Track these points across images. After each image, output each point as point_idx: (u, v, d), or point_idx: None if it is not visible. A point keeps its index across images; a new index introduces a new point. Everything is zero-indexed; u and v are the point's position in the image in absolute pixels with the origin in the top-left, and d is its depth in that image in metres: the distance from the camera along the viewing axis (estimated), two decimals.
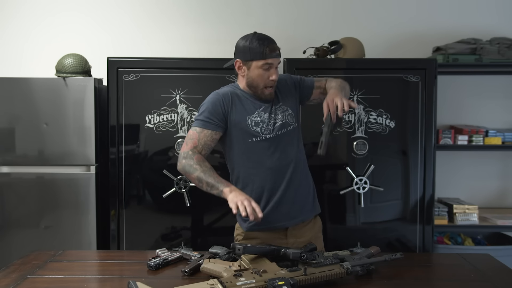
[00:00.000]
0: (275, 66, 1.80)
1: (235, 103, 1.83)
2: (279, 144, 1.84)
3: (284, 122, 1.86)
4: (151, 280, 1.53)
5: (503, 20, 3.19)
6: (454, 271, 1.68)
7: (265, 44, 1.77)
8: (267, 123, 1.82)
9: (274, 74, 1.79)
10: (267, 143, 1.82)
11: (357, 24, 3.20)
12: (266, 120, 1.83)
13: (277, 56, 1.80)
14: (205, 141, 1.80)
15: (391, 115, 2.63)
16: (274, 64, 1.80)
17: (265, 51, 1.77)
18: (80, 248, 2.69)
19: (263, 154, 1.82)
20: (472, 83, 3.22)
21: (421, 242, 2.66)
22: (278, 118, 1.85)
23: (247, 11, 3.22)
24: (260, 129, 1.82)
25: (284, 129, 1.85)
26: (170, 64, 2.66)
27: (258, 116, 1.83)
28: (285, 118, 1.87)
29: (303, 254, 1.47)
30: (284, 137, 1.85)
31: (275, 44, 1.81)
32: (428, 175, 2.64)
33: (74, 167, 2.72)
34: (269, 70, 1.79)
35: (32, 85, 2.71)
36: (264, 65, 1.77)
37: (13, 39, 3.21)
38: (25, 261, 1.73)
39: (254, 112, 1.83)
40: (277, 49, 1.80)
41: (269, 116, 1.84)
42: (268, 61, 1.77)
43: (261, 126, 1.82)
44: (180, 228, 2.65)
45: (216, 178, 1.70)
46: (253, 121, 1.82)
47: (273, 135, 1.83)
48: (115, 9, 3.21)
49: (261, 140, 1.82)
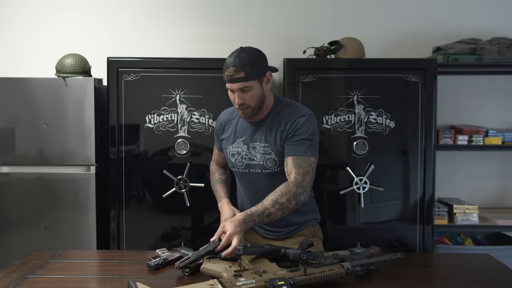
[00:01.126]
0: (235, 90, 1.69)
1: (226, 129, 1.91)
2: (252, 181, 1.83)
3: (261, 164, 1.78)
4: (151, 280, 1.53)
5: (503, 20, 3.19)
6: (454, 271, 1.68)
7: (224, 69, 1.70)
8: (242, 156, 1.82)
9: (236, 98, 1.70)
10: (241, 176, 1.89)
11: (357, 24, 3.20)
12: (242, 153, 1.82)
13: (233, 81, 1.67)
14: (217, 159, 2.05)
15: (391, 115, 2.63)
16: (233, 88, 1.69)
17: (224, 75, 1.71)
18: (80, 248, 2.69)
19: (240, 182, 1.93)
20: (472, 83, 3.22)
21: (421, 242, 2.66)
22: (256, 157, 1.78)
23: (247, 11, 3.22)
24: (235, 161, 1.85)
25: (259, 170, 1.79)
26: (170, 64, 2.66)
27: (236, 146, 1.84)
28: (264, 161, 1.78)
29: (303, 254, 1.47)
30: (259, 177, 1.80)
31: (234, 67, 1.65)
32: (428, 175, 2.64)
33: (74, 167, 2.72)
34: (233, 93, 1.72)
35: (32, 85, 2.71)
36: (228, 88, 1.73)
37: (13, 39, 3.21)
38: (25, 261, 1.73)
39: (235, 141, 1.85)
40: (237, 73, 1.65)
41: (248, 150, 1.80)
42: (227, 85, 1.71)
43: (235, 157, 1.84)
44: (180, 228, 2.65)
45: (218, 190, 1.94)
46: (231, 151, 1.86)
47: (246, 171, 1.83)
48: (115, 9, 3.21)
49: (236, 171, 1.88)
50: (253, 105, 1.72)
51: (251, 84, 1.68)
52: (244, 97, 1.70)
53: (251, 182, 1.84)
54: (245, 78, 1.67)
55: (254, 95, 1.70)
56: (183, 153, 2.64)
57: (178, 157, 2.65)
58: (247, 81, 1.67)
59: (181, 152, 2.64)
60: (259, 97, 1.72)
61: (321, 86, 2.66)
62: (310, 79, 2.64)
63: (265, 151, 1.77)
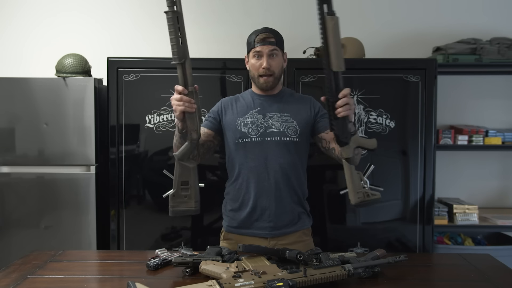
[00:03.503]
0: (265, 53, 1.80)
1: (232, 106, 1.90)
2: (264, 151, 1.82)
3: (281, 131, 1.83)
4: (151, 280, 1.53)
5: (503, 20, 3.19)
6: (454, 271, 1.68)
7: (256, 34, 1.83)
8: (257, 125, 1.83)
9: (264, 61, 1.80)
10: (251, 147, 1.82)
11: (357, 24, 3.19)
12: (257, 122, 1.83)
13: (266, 43, 1.80)
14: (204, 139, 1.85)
15: (391, 115, 2.63)
16: (263, 51, 1.80)
17: (254, 40, 1.82)
18: (80, 248, 2.69)
19: (246, 158, 1.83)
20: (472, 83, 3.21)
21: (421, 242, 2.66)
22: (275, 125, 1.84)
23: (246, 11, 3.21)
24: (248, 130, 1.82)
25: (277, 138, 1.82)
26: (170, 64, 2.64)
27: (249, 117, 1.84)
28: (284, 128, 1.83)
29: (300, 254, 1.46)
30: (273, 146, 1.82)
31: (268, 33, 1.82)
32: (428, 175, 2.64)
33: (74, 167, 2.72)
34: (260, 58, 1.82)
35: (32, 85, 2.70)
36: (254, 53, 1.82)
37: (13, 39, 3.21)
38: (25, 261, 1.73)
39: (247, 113, 1.85)
40: (269, 37, 1.81)
41: (264, 119, 1.84)
42: (256, 49, 1.81)
43: (249, 126, 1.83)
44: (180, 228, 2.65)
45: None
46: (242, 122, 1.84)
47: (259, 140, 1.81)
48: (115, 9, 3.21)
49: (246, 141, 1.82)
50: (276, 73, 1.84)
51: (278, 51, 1.83)
52: (271, 62, 1.81)
53: (263, 152, 1.82)
54: (275, 43, 1.82)
55: (279, 63, 1.84)
56: None
57: None
58: (276, 46, 1.82)
59: None
60: (281, 68, 1.86)
61: (321, 86, 2.66)
62: (310, 79, 2.64)
63: (286, 120, 1.85)
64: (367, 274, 1.53)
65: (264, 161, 1.82)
